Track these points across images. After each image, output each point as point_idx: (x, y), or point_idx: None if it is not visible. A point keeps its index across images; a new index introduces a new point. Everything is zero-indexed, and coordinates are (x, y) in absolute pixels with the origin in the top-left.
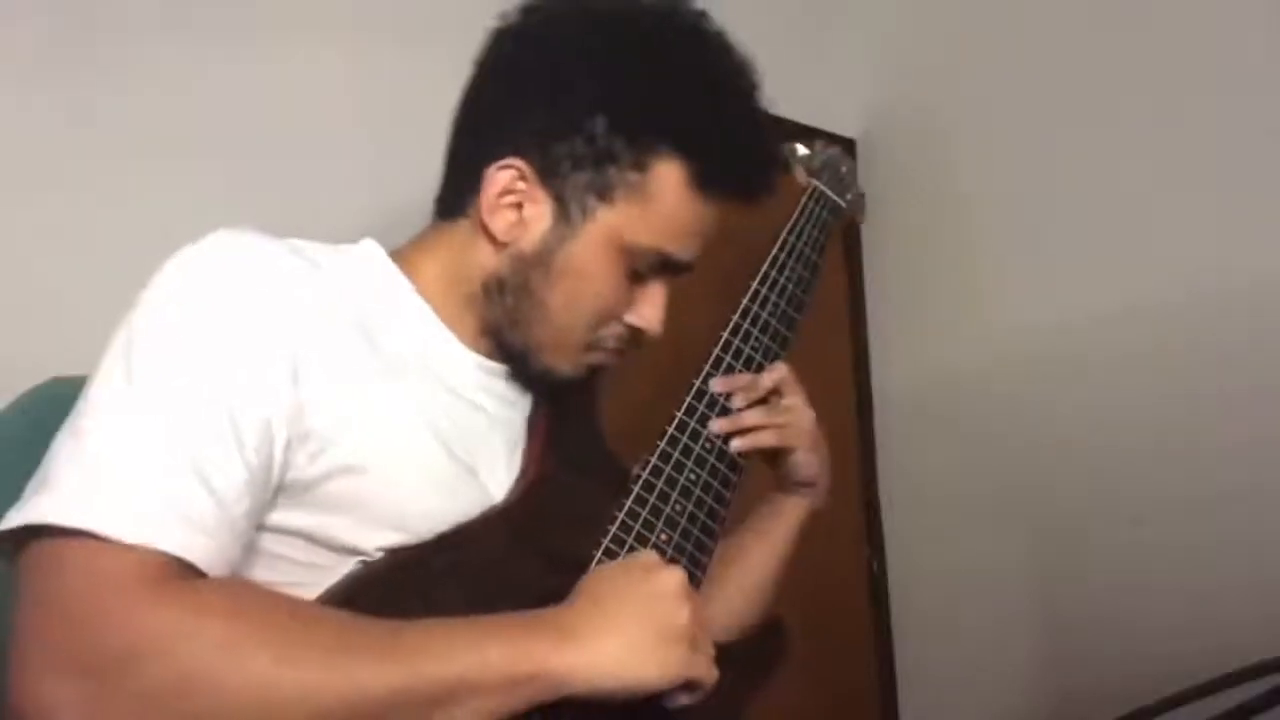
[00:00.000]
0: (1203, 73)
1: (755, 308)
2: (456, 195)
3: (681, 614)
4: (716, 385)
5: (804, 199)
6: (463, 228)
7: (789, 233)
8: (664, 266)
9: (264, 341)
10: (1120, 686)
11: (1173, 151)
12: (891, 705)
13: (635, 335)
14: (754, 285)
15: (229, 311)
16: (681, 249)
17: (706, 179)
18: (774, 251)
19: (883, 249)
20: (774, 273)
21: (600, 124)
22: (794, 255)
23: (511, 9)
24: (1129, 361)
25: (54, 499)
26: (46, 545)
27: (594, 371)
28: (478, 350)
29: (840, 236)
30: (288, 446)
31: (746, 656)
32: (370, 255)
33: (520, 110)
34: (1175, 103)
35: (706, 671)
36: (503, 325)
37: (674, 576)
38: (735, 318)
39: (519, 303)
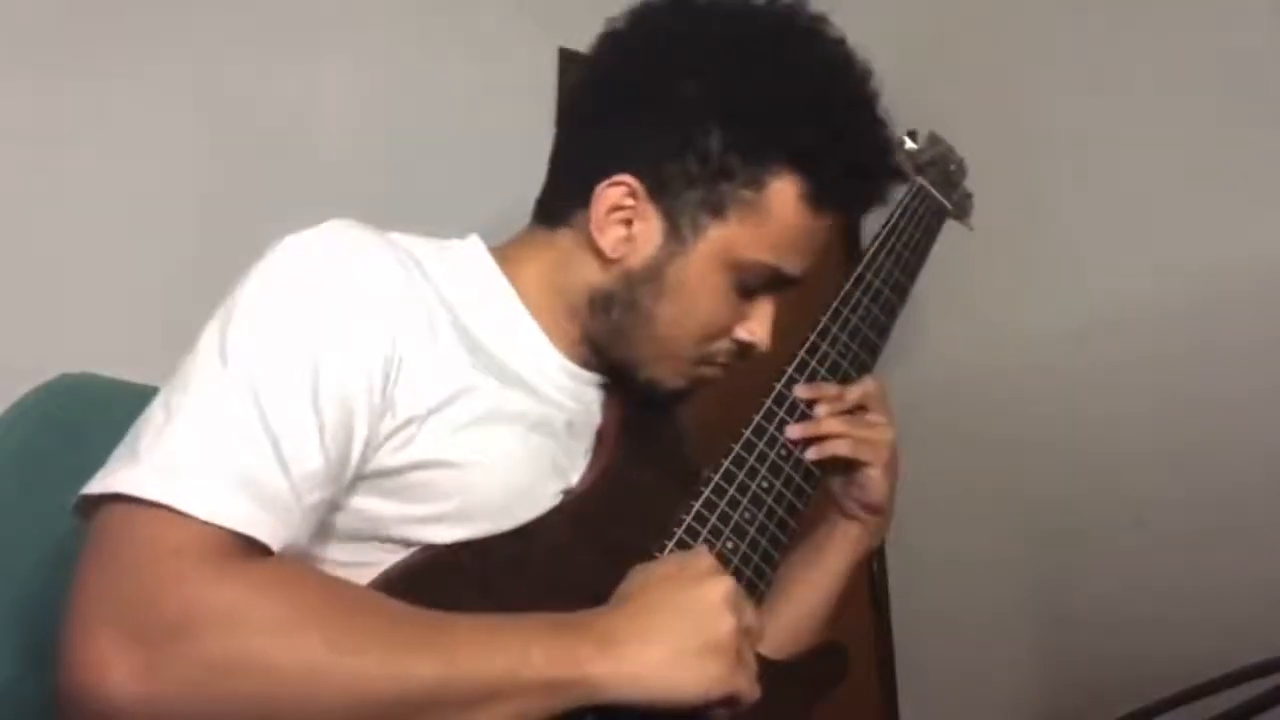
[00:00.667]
0: (1202, 73)
1: (846, 311)
2: (561, 204)
3: (725, 626)
4: (801, 391)
5: (907, 197)
6: (566, 237)
7: (889, 233)
8: (774, 281)
9: (360, 334)
10: (1120, 686)
11: (1173, 153)
12: (891, 705)
13: (743, 349)
14: (847, 287)
15: (328, 302)
16: (793, 264)
17: (823, 195)
18: (872, 251)
19: None
20: (869, 275)
21: (715, 141)
22: (892, 257)
23: (620, 14)
24: (1130, 362)
25: (137, 470)
26: (121, 511)
27: (703, 385)
28: (573, 358)
29: (841, 236)
30: (369, 441)
31: (806, 679)
32: (473, 254)
33: (631, 124)
34: (1176, 105)
35: (747, 687)
36: (608, 339)
37: (720, 586)
38: (825, 320)
39: (625, 318)
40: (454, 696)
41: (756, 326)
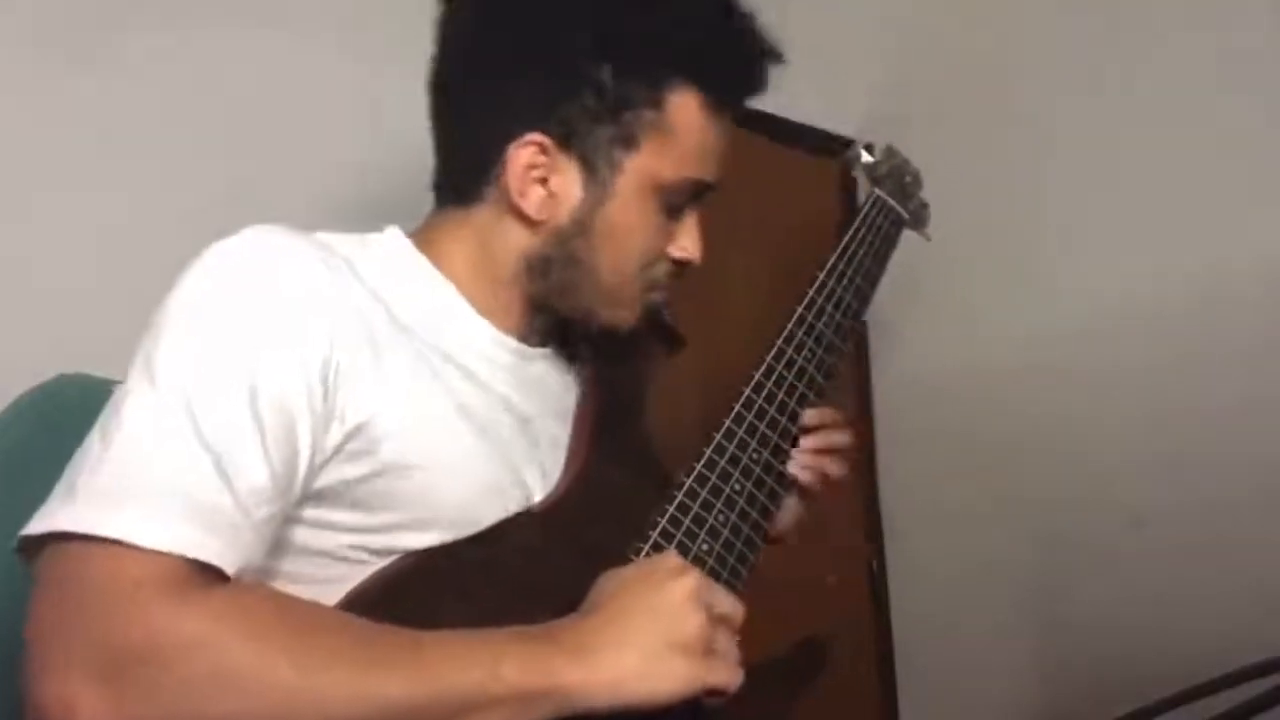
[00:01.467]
0: (1202, 74)
1: (811, 317)
2: (469, 180)
3: (692, 623)
4: (810, 418)
5: (866, 207)
6: (484, 212)
7: (849, 241)
8: (699, 193)
9: (294, 340)
10: (1120, 686)
11: (1171, 156)
12: (891, 705)
13: (679, 267)
14: (810, 294)
15: (257, 312)
16: (709, 172)
17: (719, 95)
18: (832, 259)
19: None
20: (831, 282)
21: (607, 74)
22: (853, 264)
23: None
24: (1130, 363)
25: (78, 507)
26: (70, 550)
27: (654, 309)
28: (514, 334)
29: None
30: (317, 446)
31: (782, 671)
32: (397, 245)
33: (522, 82)
34: (1174, 107)
35: (727, 676)
36: (555, 298)
37: (685, 584)
38: (790, 326)
39: (567, 275)
40: (427, 712)
41: (687, 242)
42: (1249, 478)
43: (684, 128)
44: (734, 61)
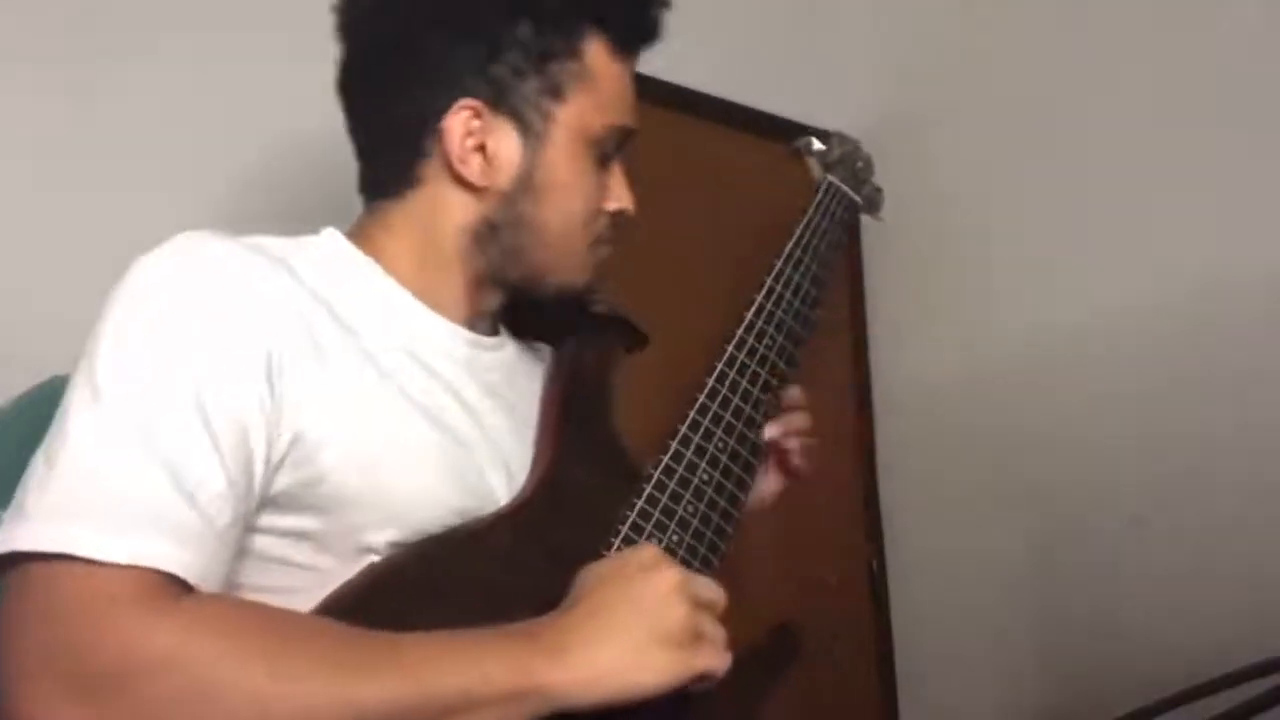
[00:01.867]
0: (1201, 73)
1: (769, 305)
2: (398, 167)
3: (676, 614)
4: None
5: (819, 194)
6: (419, 195)
7: (804, 229)
8: (623, 141)
9: (235, 346)
10: (1121, 686)
11: (1172, 152)
12: (891, 705)
13: (617, 220)
14: (768, 281)
15: (195, 318)
16: (629, 117)
17: (626, 41)
18: (789, 247)
19: (883, 249)
20: (789, 269)
21: (524, 28)
22: (809, 251)
23: None
24: (1129, 361)
25: (33, 525)
26: (31, 569)
27: (602, 269)
28: (466, 325)
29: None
30: (270, 453)
31: (758, 660)
32: (335, 245)
33: (443, 52)
34: (1175, 102)
35: (715, 661)
36: (506, 265)
37: (667, 576)
38: (749, 315)
39: (516, 237)
40: (410, 716)
41: (621, 193)
42: (1250, 477)
43: (601, 75)
44: (633, 6)
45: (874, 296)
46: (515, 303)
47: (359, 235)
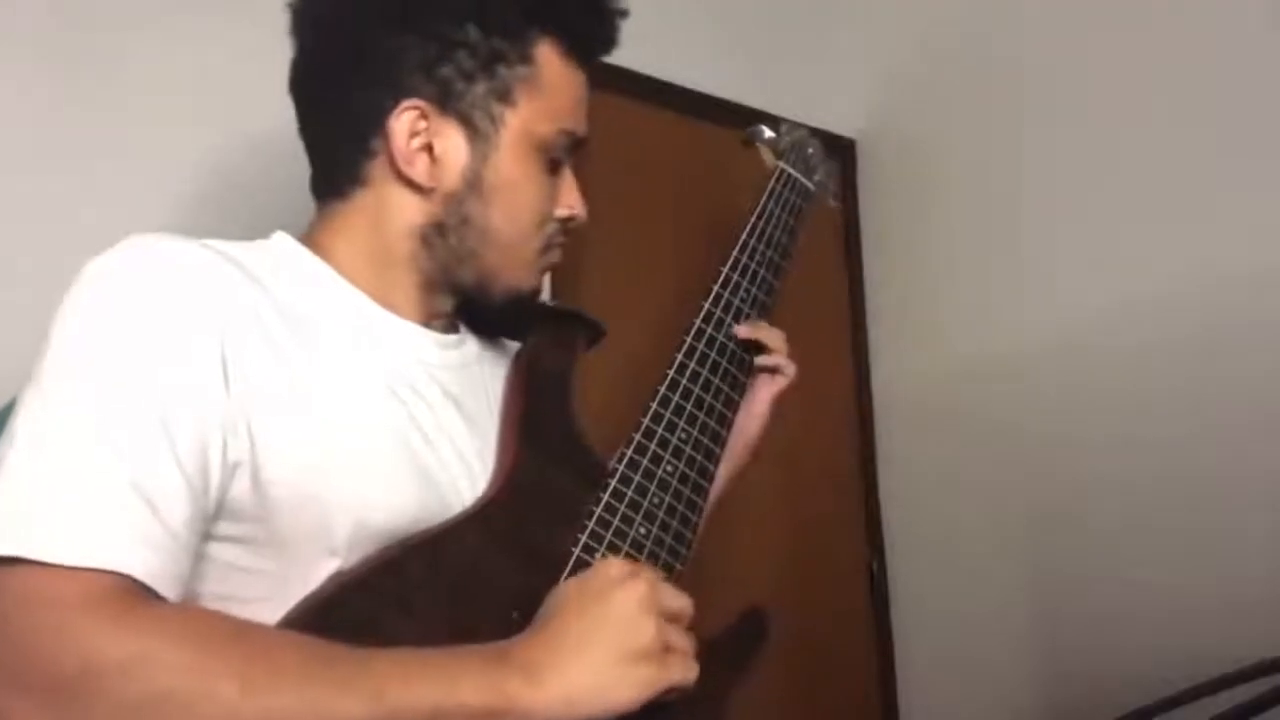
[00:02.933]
0: (1201, 71)
1: (727, 294)
2: (346, 167)
3: (645, 631)
4: (742, 331)
5: (771, 182)
6: (367, 195)
7: (757, 217)
8: (572, 147)
9: (191, 349)
10: (1121, 686)
11: (1171, 152)
12: (892, 705)
13: (566, 225)
14: (725, 270)
15: (150, 320)
16: (579, 124)
17: (578, 45)
18: (743, 236)
19: (883, 249)
20: (744, 258)
21: (474, 32)
22: (764, 239)
23: None
24: (1129, 360)
25: None
26: None
27: (548, 272)
28: (419, 321)
29: (840, 235)
30: (226, 454)
31: (732, 648)
32: (287, 247)
33: (391, 51)
34: (1174, 104)
35: (684, 673)
36: (453, 266)
37: (632, 592)
38: (708, 305)
39: (463, 238)
40: None
41: (572, 199)
42: (1251, 477)
43: (550, 79)
44: (588, 13)
45: (874, 297)
46: (468, 304)
47: (310, 237)
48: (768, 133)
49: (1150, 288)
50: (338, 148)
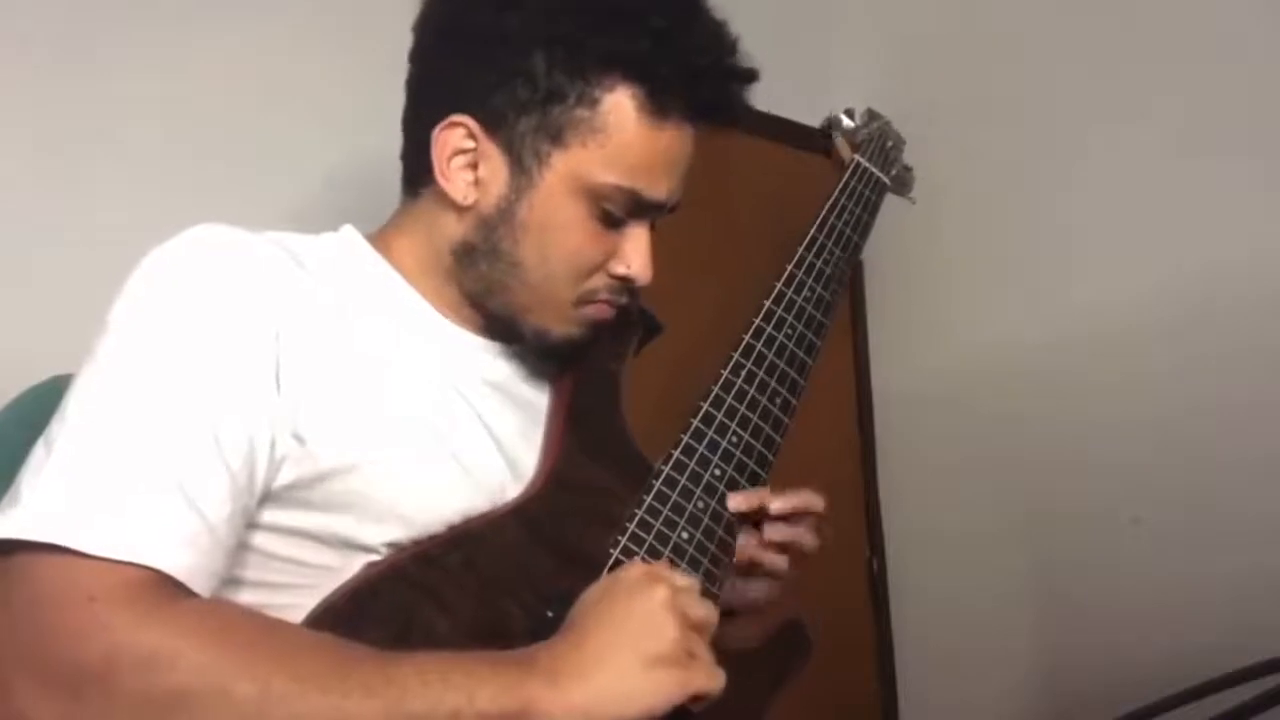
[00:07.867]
0: (1201, 71)
1: (790, 292)
2: (414, 169)
3: (667, 634)
4: (735, 503)
5: (845, 175)
6: (427, 201)
7: (829, 211)
8: (639, 207)
9: (244, 344)
10: (1121, 686)
11: (1171, 154)
12: (892, 706)
13: (623, 283)
14: (790, 268)
15: (206, 314)
16: (650, 185)
17: (660, 103)
18: (812, 231)
19: (883, 249)
20: (811, 255)
21: (540, 63)
22: (834, 235)
23: None
24: (1128, 361)
25: (21, 514)
26: (21, 559)
27: (598, 326)
28: (470, 327)
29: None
30: (273, 449)
31: (771, 660)
32: (350, 242)
33: (456, 66)
34: (1175, 108)
35: (706, 681)
36: (483, 293)
37: (655, 594)
38: (769, 303)
39: (492, 268)
40: None
41: (632, 257)
42: (1249, 477)
43: (616, 131)
44: (678, 71)
45: (874, 296)
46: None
47: (380, 232)
48: (846, 122)
49: (1153, 288)
50: (410, 150)
